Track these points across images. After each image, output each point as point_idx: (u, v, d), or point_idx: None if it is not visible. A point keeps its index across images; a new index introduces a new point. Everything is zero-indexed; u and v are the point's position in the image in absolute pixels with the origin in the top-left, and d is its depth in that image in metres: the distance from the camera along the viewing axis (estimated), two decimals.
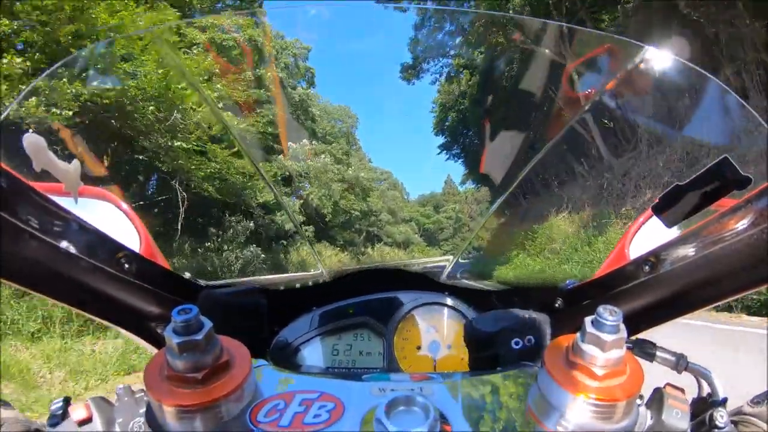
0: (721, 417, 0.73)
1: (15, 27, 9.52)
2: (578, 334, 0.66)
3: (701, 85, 0.99)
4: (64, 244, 0.75)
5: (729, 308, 10.64)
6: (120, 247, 0.85)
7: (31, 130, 0.76)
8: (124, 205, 1.19)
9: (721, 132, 1.02)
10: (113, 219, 1.16)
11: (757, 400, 0.75)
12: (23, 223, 0.68)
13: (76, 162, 0.86)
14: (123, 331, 0.93)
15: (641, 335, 0.92)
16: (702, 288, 0.79)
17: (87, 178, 0.92)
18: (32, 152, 0.76)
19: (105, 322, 0.88)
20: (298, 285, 1.28)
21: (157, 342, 0.95)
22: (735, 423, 0.75)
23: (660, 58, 1.05)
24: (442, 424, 0.63)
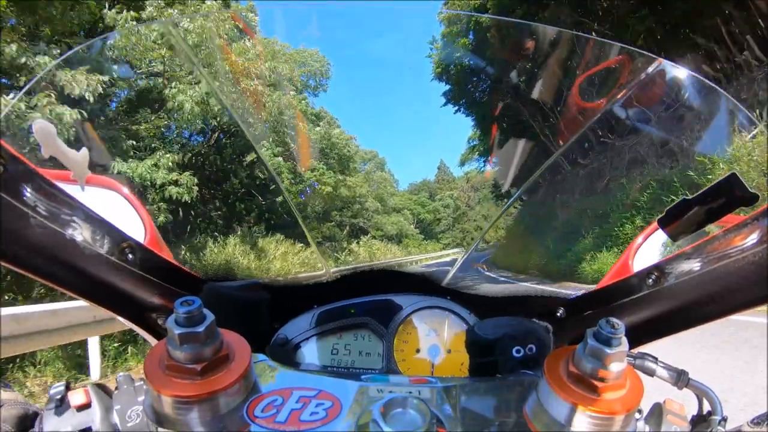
0: None
1: None
2: (579, 345, 0.66)
3: (711, 98, 0.99)
4: (69, 231, 0.75)
5: None
6: (124, 237, 0.85)
7: (41, 117, 0.76)
8: (131, 196, 1.20)
9: (730, 147, 1.02)
10: (119, 209, 1.17)
11: (757, 421, 0.74)
12: (29, 208, 0.68)
13: (84, 150, 0.86)
14: (124, 321, 0.94)
15: (642, 348, 0.92)
16: (706, 303, 0.79)
17: (95, 167, 0.93)
18: (42, 138, 0.76)
19: (106, 311, 0.88)
20: (300, 283, 1.28)
21: (158, 333, 0.95)
22: None
23: (672, 71, 1.05)
24: (438, 428, 0.63)
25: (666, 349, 0.91)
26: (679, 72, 1.04)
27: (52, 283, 0.76)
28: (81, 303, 5.74)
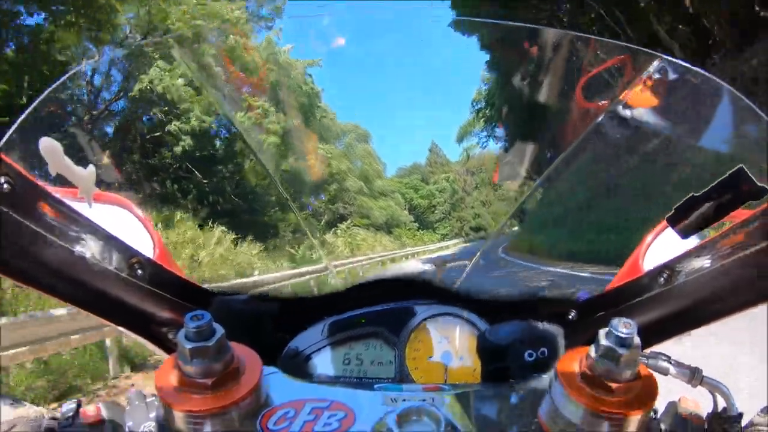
0: None
1: None
2: (592, 347, 0.65)
3: (715, 93, 0.99)
4: (78, 248, 0.75)
5: None
6: (133, 253, 0.85)
7: (47, 135, 0.77)
8: (139, 212, 1.20)
9: (736, 141, 1.01)
10: (127, 225, 1.17)
11: (767, 411, 0.74)
12: (37, 225, 0.69)
13: (91, 167, 0.87)
14: (134, 336, 0.94)
15: (655, 348, 0.91)
16: (718, 300, 0.79)
17: (102, 184, 0.93)
18: (48, 156, 0.77)
19: (117, 327, 0.88)
20: (310, 293, 1.28)
21: (168, 348, 0.95)
22: None
23: (673, 67, 1.05)
24: None
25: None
26: (682, 68, 1.04)
27: (61, 299, 0.76)
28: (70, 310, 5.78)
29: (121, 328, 0.90)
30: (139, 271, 0.86)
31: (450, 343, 1.20)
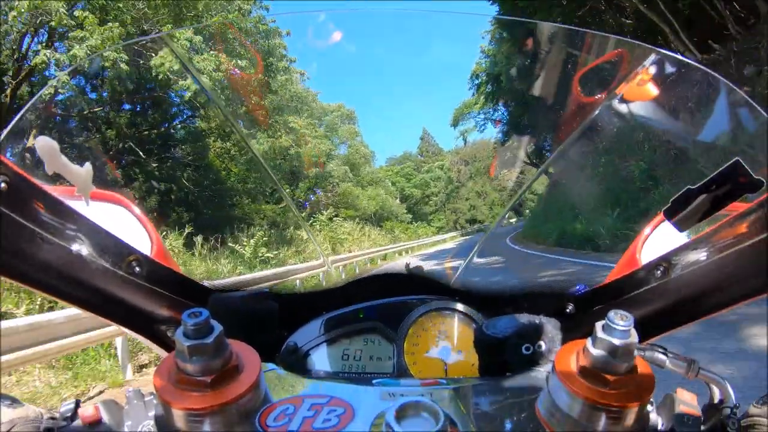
0: (733, 424, 0.73)
1: None
2: (589, 339, 0.65)
3: (711, 86, 0.99)
4: (75, 246, 0.75)
5: None
6: (131, 251, 0.85)
7: (43, 134, 0.77)
8: (136, 209, 1.20)
9: (732, 134, 1.01)
10: (125, 223, 1.17)
11: (763, 401, 0.74)
12: (35, 225, 0.69)
13: (88, 165, 0.87)
14: (133, 334, 0.94)
15: (652, 340, 0.92)
16: (715, 293, 0.79)
17: (99, 182, 0.93)
18: (45, 155, 0.77)
19: (116, 325, 0.88)
20: (307, 289, 1.28)
21: (167, 345, 0.95)
22: (746, 427, 0.74)
23: (669, 61, 1.05)
24: (452, 429, 0.63)
25: None
26: (676, 61, 1.04)
27: (59, 298, 0.76)
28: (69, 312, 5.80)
29: (120, 327, 0.90)
30: (137, 269, 0.86)
31: (448, 338, 1.20)
